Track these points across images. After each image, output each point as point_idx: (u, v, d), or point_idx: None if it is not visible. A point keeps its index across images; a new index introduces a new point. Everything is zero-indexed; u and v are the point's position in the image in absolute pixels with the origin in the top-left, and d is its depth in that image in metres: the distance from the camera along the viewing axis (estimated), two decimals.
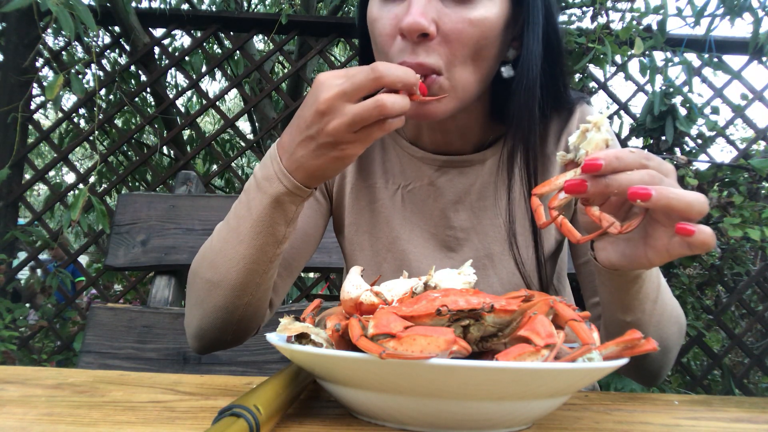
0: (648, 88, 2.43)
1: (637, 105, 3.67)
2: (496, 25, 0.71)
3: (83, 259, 3.21)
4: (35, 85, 2.53)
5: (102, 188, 2.84)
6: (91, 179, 2.29)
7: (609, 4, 2.31)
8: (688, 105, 2.20)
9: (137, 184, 3.51)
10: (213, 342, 0.78)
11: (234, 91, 3.95)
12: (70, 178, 6.36)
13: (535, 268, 0.82)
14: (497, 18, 0.71)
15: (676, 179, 0.55)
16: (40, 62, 2.62)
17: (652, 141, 2.23)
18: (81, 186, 2.50)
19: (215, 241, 0.72)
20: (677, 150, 2.23)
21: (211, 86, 9.93)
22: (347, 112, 0.55)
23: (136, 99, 2.88)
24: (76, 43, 2.81)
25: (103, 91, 2.89)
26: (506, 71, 0.76)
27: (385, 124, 0.57)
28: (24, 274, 2.96)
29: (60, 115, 2.56)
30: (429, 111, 0.71)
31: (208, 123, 8.23)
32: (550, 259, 0.87)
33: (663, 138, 2.17)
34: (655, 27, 2.27)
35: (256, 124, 4.14)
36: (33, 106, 2.60)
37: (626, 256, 0.59)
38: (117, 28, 2.62)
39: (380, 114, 0.55)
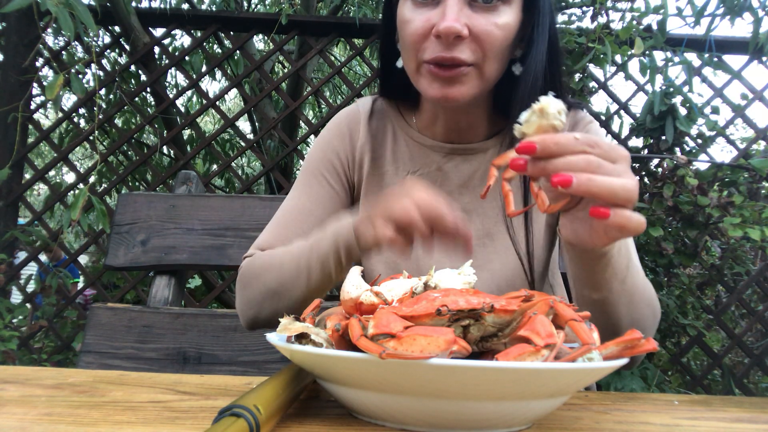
0: (648, 87, 2.43)
1: (637, 105, 3.68)
2: (514, 29, 0.82)
3: (83, 259, 3.21)
4: (35, 85, 2.53)
5: (102, 188, 2.84)
6: (91, 179, 2.28)
7: (609, 3, 2.31)
8: (688, 105, 2.19)
9: (137, 183, 3.50)
10: (268, 323, 0.88)
11: (234, 91, 3.95)
12: (70, 178, 6.36)
13: (525, 248, 0.89)
14: (515, 23, 0.82)
15: (629, 165, 0.57)
16: (40, 62, 2.62)
17: (652, 141, 2.23)
18: (81, 186, 2.50)
19: (286, 274, 0.84)
20: (677, 150, 2.23)
21: (211, 86, 9.93)
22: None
23: (136, 99, 2.88)
24: (76, 43, 2.80)
25: (103, 91, 2.89)
26: (517, 69, 0.86)
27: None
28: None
29: (60, 115, 2.56)
30: (452, 94, 0.81)
31: (208, 123, 8.22)
32: (545, 244, 0.93)
33: (663, 138, 2.17)
34: (655, 27, 2.27)
35: (256, 124, 4.14)
36: (33, 106, 2.60)
37: (577, 235, 0.62)
38: (117, 28, 2.62)
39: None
